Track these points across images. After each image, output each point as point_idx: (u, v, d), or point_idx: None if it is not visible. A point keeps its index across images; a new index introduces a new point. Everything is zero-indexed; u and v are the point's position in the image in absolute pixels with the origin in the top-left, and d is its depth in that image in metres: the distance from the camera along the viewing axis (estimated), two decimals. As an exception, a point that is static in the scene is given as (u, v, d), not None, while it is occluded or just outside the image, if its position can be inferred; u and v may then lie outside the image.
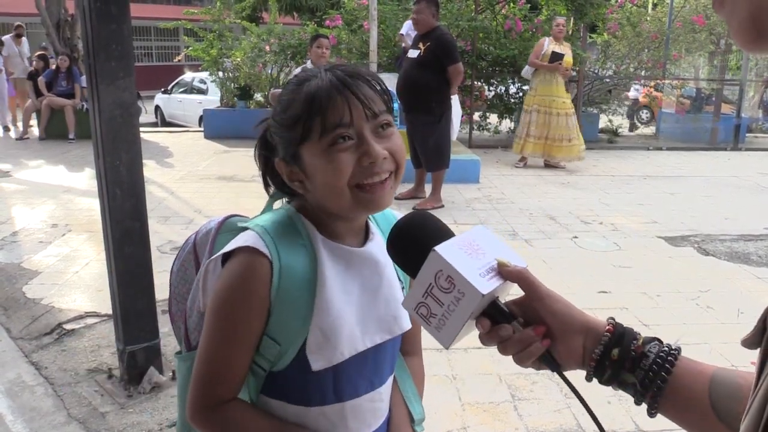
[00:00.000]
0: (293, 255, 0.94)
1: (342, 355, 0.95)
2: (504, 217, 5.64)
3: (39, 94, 9.79)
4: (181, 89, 13.93)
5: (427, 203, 5.87)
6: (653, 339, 0.75)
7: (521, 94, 9.58)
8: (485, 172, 7.45)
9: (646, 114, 14.62)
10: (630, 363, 0.73)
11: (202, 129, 10.73)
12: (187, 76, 14.16)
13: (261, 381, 0.99)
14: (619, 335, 0.75)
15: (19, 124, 10.40)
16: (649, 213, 5.91)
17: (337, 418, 1.00)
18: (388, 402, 1.08)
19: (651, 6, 13.33)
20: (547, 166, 8.15)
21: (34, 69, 10.26)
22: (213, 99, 11.54)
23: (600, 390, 0.80)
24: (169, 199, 6.12)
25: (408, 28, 7.57)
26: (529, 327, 0.77)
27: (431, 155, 5.91)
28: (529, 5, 9.84)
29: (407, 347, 1.16)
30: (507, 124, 10.61)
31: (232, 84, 10.30)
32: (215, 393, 0.95)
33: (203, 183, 6.89)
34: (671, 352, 0.73)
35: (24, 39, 11.67)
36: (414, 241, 0.81)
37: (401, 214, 1.09)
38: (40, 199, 6.04)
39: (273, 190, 1.05)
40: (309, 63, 6.37)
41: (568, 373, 0.78)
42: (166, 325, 3.31)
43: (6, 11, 19.16)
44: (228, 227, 1.05)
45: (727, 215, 5.87)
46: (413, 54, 5.81)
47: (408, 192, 6.15)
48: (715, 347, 3.18)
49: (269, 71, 10.14)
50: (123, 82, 2.55)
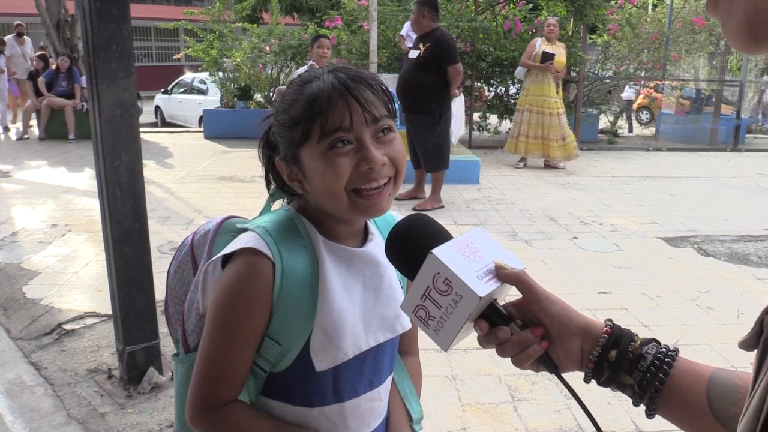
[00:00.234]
0: (295, 256, 0.93)
1: (345, 355, 0.95)
2: (504, 218, 5.65)
3: (39, 94, 9.79)
4: (181, 89, 13.93)
5: (427, 204, 5.87)
6: (651, 340, 0.75)
7: (521, 94, 9.59)
8: (485, 172, 7.46)
9: (645, 115, 14.63)
10: (628, 364, 0.73)
11: (202, 129, 10.73)
12: (187, 76, 14.17)
13: (261, 382, 0.99)
14: (617, 337, 0.75)
15: (19, 124, 10.39)
16: (649, 214, 5.91)
17: (338, 418, 1.00)
18: (386, 402, 1.08)
19: (651, 7, 13.34)
20: (547, 166, 8.16)
21: (34, 69, 10.26)
22: (213, 99, 11.54)
23: (600, 391, 0.80)
24: (169, 200, 6.12)
25: (408, 29, 7.59)
26: (527, 329, 0.77)
27: (431, 156, 5.91)
28: (530, 6, 9.84)
29: (405, 347, 1.17)
30: (507, 124, 10.60)
31: (232, 84, 10.30)
32: (216, 394, 0.95)
33: (203, 183, 6.89)
34: (669, 353, 0.73)
35: (27, 39, 11.55)
36: (412, 244, 0.81)
37: (400, 215, 1.09)
38: (40, 200, 6.04)
39: (273, 188, 1.04)
40: (312, 62, 6.38)
41: (566, 375, 0.78)
42: (165, 326, 3.31)
43: (6, 11, 19.17)
44: (226, 228, 1.04)
45: (727, 216, 5.87)
46: (413, 55, 5.82)
47: (408, 192, 6.15)
48: (715, 348, 3.18)
49: (269, 72, 10.15)
50: (123, 82, 2.55)
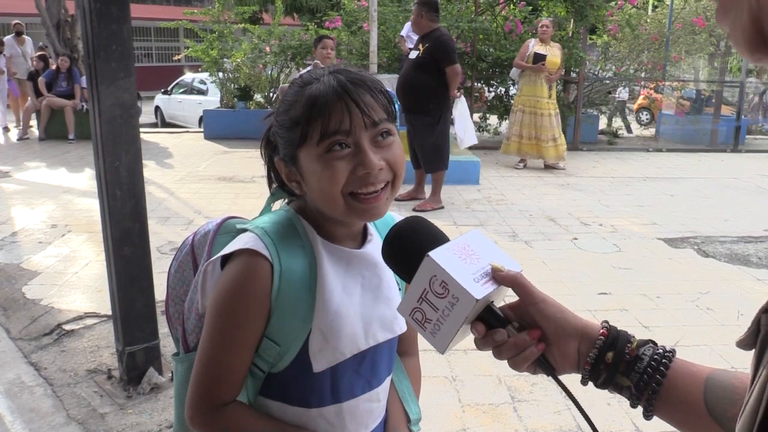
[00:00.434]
0: (293, 257, 0.93)
1: (342, 355, 0.95)
2: (504, 219, 5.64)
3: (39, 94, 9.79)
4: (181, 90, 13.93)
5: (427, 204, 5.87)
6: (647, 342, 0.75)
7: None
8: (485, 173, 7.46)
9: (645, 116, 14.64)
10: (624, 366, 0.73)
11: (202, 130, 10.73)
12: (187, 76, 14.17)
13: (259, 382, 0.99)
14: (613, 339, 0.75)
15: (14, 124, 10.38)
16: (649, 214, 5.91)
17: (336, 419, 1.00)
18: (385, 403, 1.08)
19: (651, 8, 13.34)
20: (547, 167, 8.16)
21: (34, 69, 10.25)
22: (213, 100, 11.54)
23: (599, 392, 0.80)
24: (169, 200, 6.12)
25: (408, 30, 7.60)
26: (524, 331, 0.77)
27: (429, 156, 5.92)
28: (530, 7, 9.85)
29: (404, 348, 1.16)
30: (507, 125, 10.61)
31: (232, 85, 10.30)
32: (215, 394, 0.95)
33: (203, 184, 6.89)
34: (666, 354, 0.73)
35: (27, 39, 11.39)
36: (408, 247, 0.81)
37: (400, 215, 1.09)
38: (39, 200, 6.04)
39: (275, 187, 1.04)
40: (316, 61, 6.39)
41: (565, 377, 0.78)
42: (165, 326, 3.31)
43: (6, 12, 19.17)
44: (226, 229, 1.04)
45: (727, 217, 5.87)
46: (413, 55, 5.83)
47: (408, 193, 6.15)
48: (715, 349, 3.18)
49: (269, 72, 10.15)
50: (123, 82, 2.55)
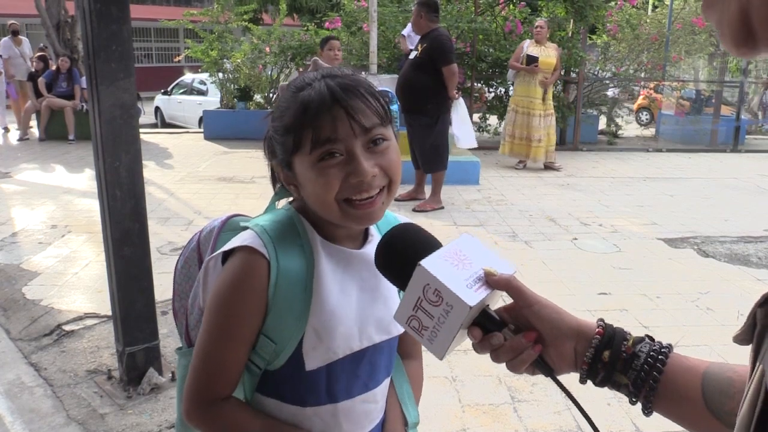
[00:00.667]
0: (291, 255, 0.94)
1: (335, 354, 0.96)
2: (504, 219, 5.65)
3: (39, 95, 9.78)
4: (181, 90, 13.93)
5: (427, 204, 5.87)
6: (644, 338, 0.75)
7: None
8: (485, 173, 7.46)
9: (645, 116, 14.64)
10: (622, 364, 0.73)
11: (201, 130, 10.73)
12: (187, 77, 14.16)
13: (256, 379, 0.99)
14: (610, 337, 0.75)
15: (14, 125, 10.36)
16: (649, 215, 5.91)
17: (331, 419, 1.00)
18: (383, 405, 1.08)
19: (651, 8, 13.35)
20: (547, 168, 8.16)
21: (34, 70, 10.24)
22: (213, 100, 11.54)
23: (599, 392, 0.80)
24: (169, 200, 6.12)
25: (409, 29, 7.60)
26: (520, 334, 0.77)
27: (428, 156, 5.92)
28: (530, 9, 9.85)
29: (406, 350, 1.16)
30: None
31: (232, 85, 10.30)
32: (211, 390, 0.96)
33: (203, 184, 6.89)
34: (662, 350, 0.73)
35: (24, 39, 11.22)
36: (400, 255, 0.82)
37: (403, 217, 1.09)
38: (39, 200, 6.04)
39: (279, 186, 1.05)
40: (315, 58, 6.40)
41: (563, 377, 0.78)
42: (165, 327, 3.31)
43: (6, 12, 19.18)
44: (230, 226, 1.06)
45: (727, 217, 5.87)
46: (412, 55, 5.84)
47: (408, 193, 6.15)
48: (715, 349, 3.18)
49: (269, 72, 10.15)
50: (123, 83, 2.55)
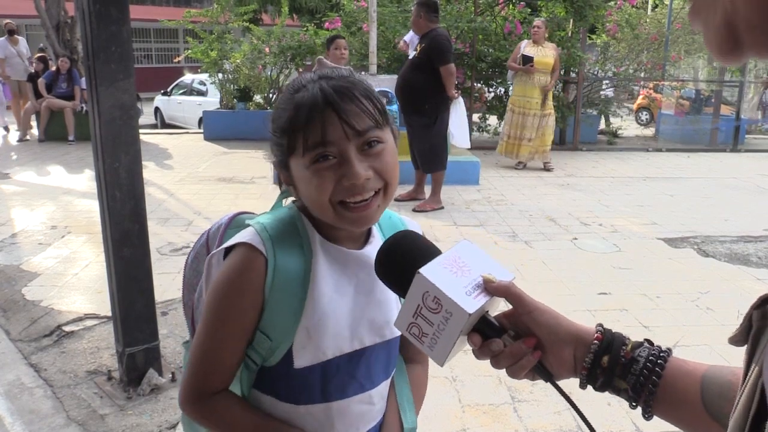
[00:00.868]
0: (289, 254, 0.95)
1: (324, 355, 0.96)
2: (504, 219, 5.64)
3: (39, 95, 9.78)
4: (181, 91, 13.92)
5: (427, 205, 5.87)
6: (642, 342, 0.75)
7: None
8: (485, 173, 7.46)
9: (645, 116, 14.64)
10: (621, 369, 0.74)
11: (201, 131, 10.73)
12: (187, 77, 14.16)
13: (253, 375, 1.00)
14: (608, 342, 0.75)
15: (14, 126, 10.34)
16: (649, 214, 5.91)
17: (324, 418, 1.00)
18: (380, 407, 1.07)
19: (651, 7, 13.35)
20: (546, 167, 8.16)
21: (34, 71, 10.23)
22: (212, 101, 11.54)
23: (599, 393, 0.80)
24: (169, 201, 6.12)
25: (412, 35, 7.61)
26: (520, 340, 0.78)
27: (427, 157, 5.92)
28: (529, 10, 9.84)
29: (411, 354, 1.15)
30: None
31: (231, 86, 10.30)
32: (206, 383, 0.98)
33: (203, 185, 6.88)
34: (661, 354, 0.73)
35: (21, 39, 11.07)
36: (399, 264, 0.82)
37: (411, 220, 1.09)
38: (39, 201, 6.04)
39: (285, 185, 1.06)
40: (321, 57, 6.40)
41: (563, 381, 0.78)
42: (165, 327, 3.32)
43: (5, 13, 19.19)
44: (237, 223, 1.08)
45: (727, 217, 5.87)
46: (411, 55, 5.85)
47: (408, 194, 6.15)
48: (715, 349, 3.18)
49: (269, 73, 10.15)
50: (122, 83, 2.55)
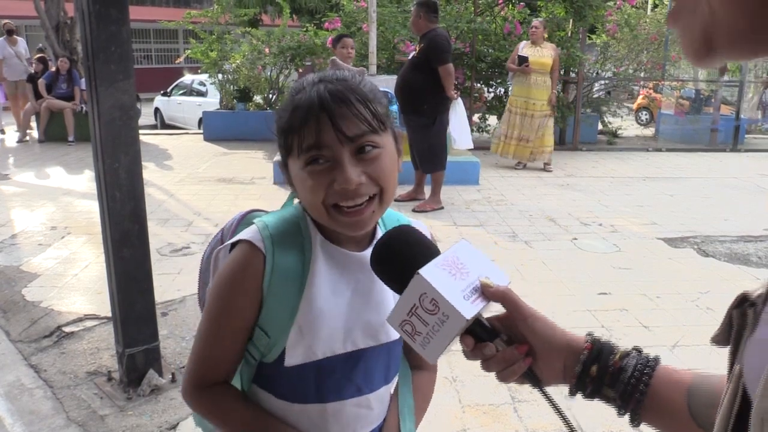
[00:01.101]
0: (289, 253, 0.96)
1: (314, 354, 0.96)
2: (503, 219, 5.64)
3: (38, 96, 9.77)
4: (181, 91, 13.92)
5: (427, 205, 5.87)
6: (631, 351, 0.76)
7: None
8: (485, 173, 7.46)
9: (645, 116, 14.64)
10: (609, 378, 0.74)
11: (201, 131, 10.73)
12: (187, 78, 14.16)
13: (253, 370, 1.02)
14: (598, 352, 0.76)
15: (14, 127, 10.31)
16: (649, 214, 5.91)
17: (318, 419, 1.01)
18: (380, 412, 1.07)
19: (650, 7, 13.34)
20: (545, 168, 8.16)
21: (33, 71, 10.22)
22: (212, 101, 11.54)
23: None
24: (169, 202, 6.12)
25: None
26: (512, 346, 0.78)
27: (426, 157, 5.92)
28: (528, 11, 9.84)
29: (417, 361, 1.15)
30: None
31: (231, 86, 10.30)
32: (204, 375, 1.00)
33: (203, 185, 6.88)
34: (648, 363, 0.74)
35: (20, 39, 10.95)
36: (398, 260, 0.81)
37: (417, 221, 1.09)
38: (39, 202, 6.04)
39: None
40: (334, 57, 6.42)
41: (552, 387, 0.78)
42: (165, 328, 3.32)
43: (5, 14, 19.19)
44: (248, 220, 1.10)
45: (727, 216, 5.87)
46: (411, 55, 5.85)
47: (408, 194, 6.15)
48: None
49: (269, 73, 10.15)
50: (122, 84, 2.55)
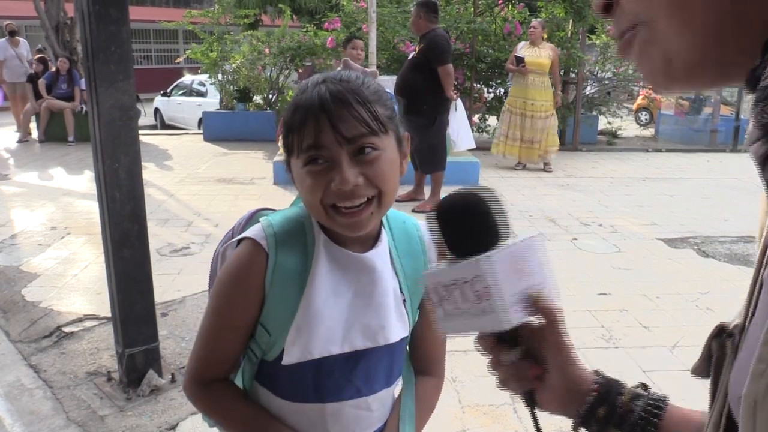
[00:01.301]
0: (291, 252, 0.96)
1: (310, 354, 0.96)
2: (503, 219, 5.63)
3: (38, 96, 9.77)
4: (181, 92, 13.91)
5: (426, 205, 5.87)
6: (638, 391, 0.73)
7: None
8: (485, 174, 7.45)
9: (645, 116, 14.64)
10: (617, 419, 0.71)
11: (201, 131, 10.73)
12: (187, 78, 14.15)
13: (255, 368, 1.03)
14: (605, 393, 0.72)
15: (13, 127, 10.30)
16: (649, 215, 5.91)
17: (317, 418, 1.01)
18: (381, 414, 1.07)
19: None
20: (545, 167, 8.16)
21: (33, 72, 10.22)
22: (212, 101, 11.53)
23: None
24: (169, 202, 6.12)
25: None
26: (527, 364, 0.73)
27: (425, 157, 5.92)
28: (528, 12, 9.84)
29: (421, 366, 1.14)
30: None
31: (231, 86, 10.30)
32: (205, 370, 1.01)
33: (202, 185, 6.88)
34: (657, 404, 0.71)
35: (22, 40, 10.90)
36: (472, 226, 0.69)
37: (423, 222, 1.08)
38: (39, 202, 6.04)
39: None
40: (345, 57, 6.41)
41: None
42: (165, 328, 3.31)
43: (5, 14, 19.19)
44: (256, 218, 1.10)
45: (727, 217, 5.87)
46: (411, 56, 5.85)
47: (407, 194, 6.16)
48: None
49: (269, 74, 10.15)
50: (122, 84, 2.55)
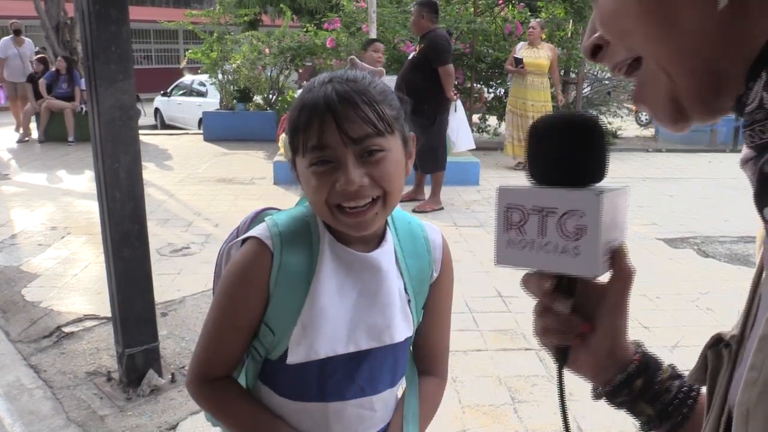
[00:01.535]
0: (296, 251, 0.96)
1: (316, 354, 0.96)
2: (503, 219, 5.63)
3: (38, 96, 9.77)
4: (181, 92, 13.92)
5: (427, 205, 5.88)
6: (676, 371, 0.71)
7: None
8: (485, 174, 7.45)
9: (645, 116, 14.65)
10: (651, 394, 0.69)
11: (201, 131, 10.73)
12: (187, 78, 14.15)
13: (258, 367, 1.03)
14: (645, 366, 0.70)
15: (13, 127, 10.31)
16: (649, 215, 5.91)
17: (320, 417, 1.01)
18: (384, 415, 1.07)
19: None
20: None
21: (34, 71, 10.22)
22: (212, 102, 11.54)
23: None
24: (169, 202, 6.12)
25: None
26: (578, 319, 0.66)
27: (425, 157, 5.90)
28: (528, 12, 9.85)
29: (425, 366, 1.14)
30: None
31: (231, 86, 10.30)
32: (207, 368, 1.01)
33: (203, 185, 6.88)
34: (692, 389, 0.70)
35: (27, 40, 10.84)
36: (579, 151, 0.59)
37: (430, 224, 1.08)
38: (39, 202, 6.04)
39: None
40: (352, 56, 6.41)
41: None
42: (165, 328, 3.31)
43: (5, 14, 19.19)
44: (261, 218, 1.10)
45: (727, 217, 5.87)
46: (411, 56, 5.85)
47: (407, 194, 6.15)
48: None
49: (269, 74, 10.15)
50: (122, 84, 2.55)
